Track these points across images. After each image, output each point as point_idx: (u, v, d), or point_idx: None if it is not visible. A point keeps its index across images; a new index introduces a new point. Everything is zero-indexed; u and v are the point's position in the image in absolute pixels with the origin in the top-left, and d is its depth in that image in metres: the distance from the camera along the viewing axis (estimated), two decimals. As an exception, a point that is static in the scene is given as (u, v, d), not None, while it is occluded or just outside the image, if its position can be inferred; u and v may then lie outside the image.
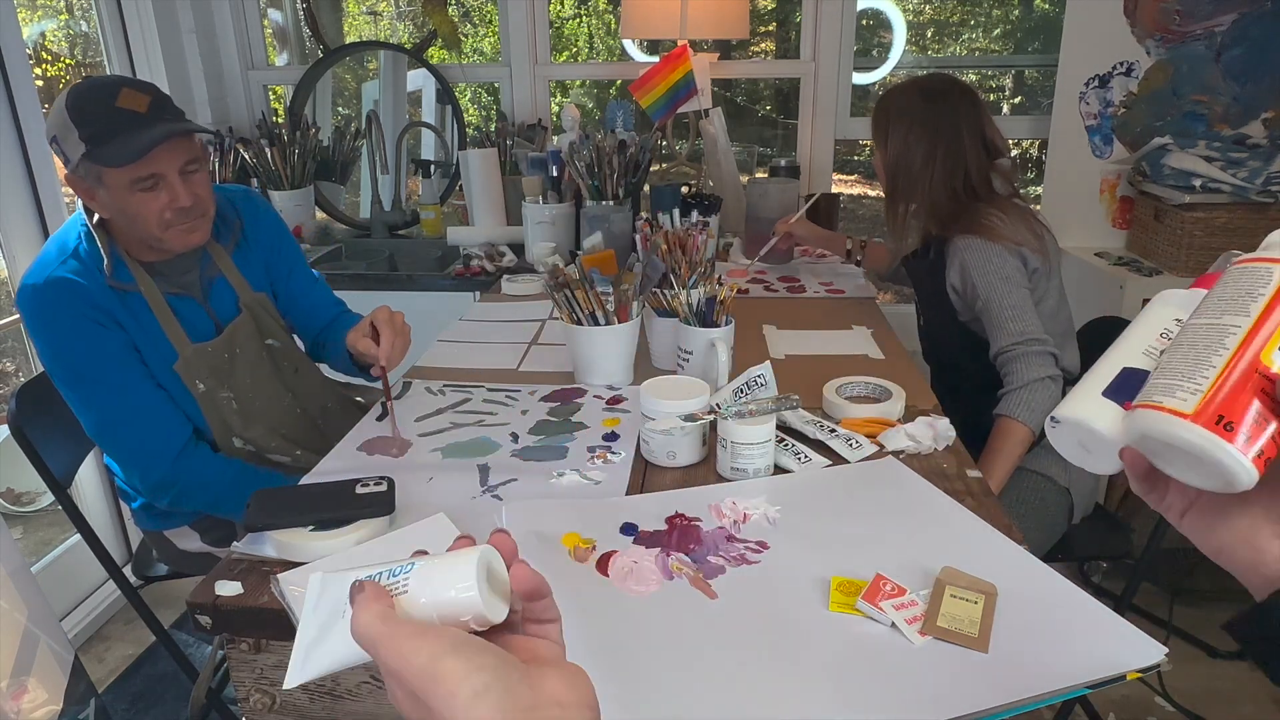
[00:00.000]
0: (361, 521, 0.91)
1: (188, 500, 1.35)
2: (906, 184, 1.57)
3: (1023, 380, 1.40)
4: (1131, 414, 0.47)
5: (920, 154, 1.53)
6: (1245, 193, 2.02)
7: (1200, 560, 2.03)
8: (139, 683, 1.94)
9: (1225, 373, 0.44)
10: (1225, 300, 0.46)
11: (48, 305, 1.23)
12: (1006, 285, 1.46)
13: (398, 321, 1.27)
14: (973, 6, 5.38)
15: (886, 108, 1.59)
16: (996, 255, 1.47)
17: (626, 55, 3.01)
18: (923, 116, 1.53)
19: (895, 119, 1.56)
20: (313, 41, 2.90)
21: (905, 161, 1.55)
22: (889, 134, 1.57)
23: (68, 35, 2.73)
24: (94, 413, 1.29)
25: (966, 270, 1.49)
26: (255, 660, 0.85)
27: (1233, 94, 2.18)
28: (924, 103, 1.54)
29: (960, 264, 1.50)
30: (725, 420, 1.03)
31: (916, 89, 1.57)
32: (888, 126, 1.57)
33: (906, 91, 1.59)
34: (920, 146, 1.53)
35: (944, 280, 1.55)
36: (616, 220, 2.01)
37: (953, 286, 1.54)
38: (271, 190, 2.53)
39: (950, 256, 1.52)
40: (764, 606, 0.80)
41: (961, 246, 1.50)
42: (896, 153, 1.56)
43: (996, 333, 1.46)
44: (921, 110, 1.54)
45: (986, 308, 1.47)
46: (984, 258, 1.47)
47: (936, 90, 1.55)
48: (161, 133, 1.19)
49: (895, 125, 1.56)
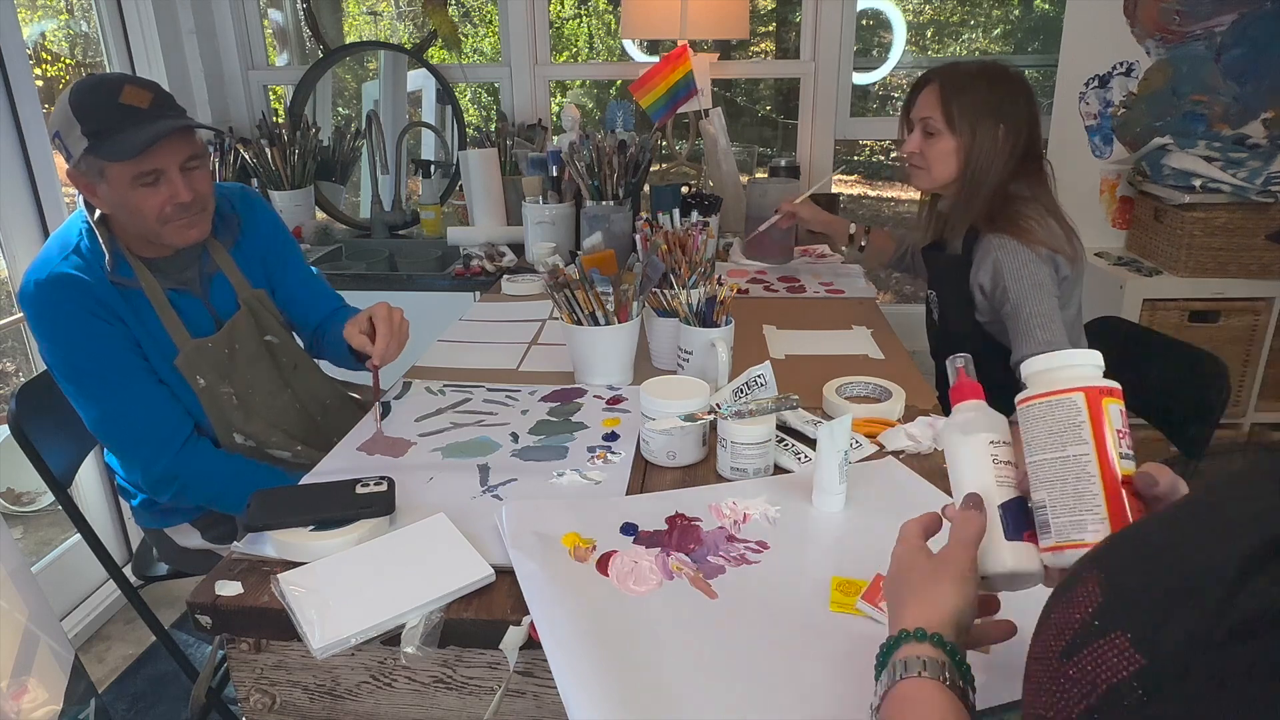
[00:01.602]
0: (361, 521, 0.91)
1: (190, 495, 1.35)
2: (980, 173, 1.47)
3: None
4: (1059, 554, 0.58)
5: (994, 142, 1.46)
6: (1245, 193, 2.02)
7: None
8: (139, 683, 1.94)
9: (1107, 496, 0.56)
10: (1056, 434, 0.58)
11: (50, 301, 1.24)
12: (1038, 292, 1.40)
13: (395, 319, 1.27)
14: (973, 6, 5.38)
15: (962, 89, 1.47)
16: (1032, 261, 1.41)
17: (626, 55, 3.01)
18: (998, 104, 1.46)
19: (979, 104, 1.46)
20: (313, 41, 2.89)
21: (983, 149, 1.46)
22: (972, 119, 1.46)
23: (68, 35, 2.73)
24: (96, 407, 1.29)
25: (999, 272, 1.43)
26: (255, 660, 0.85)
27: (1233, 94, 2.18)
28: (1001, 89, 1.46)
29: (994, 264, 1.44)
30: (725, 420, 1.03)
31: (988, 75, 1.48)
32: (973, 112, 1.46)
33: (982, 76, 1.48)
34: (998, 135, 1.45)
35: (968, 277, 1.50)
36: (616, 220, 2.01)
37: (980, 286, 1.48)
38: (271, 190, 2.53)
39: (981, 254, 1.47)
40: (764, 606, 0.80)
41: (996, 245, 1.44)
42: (975, 139, 1.46)
43: (1021, 340, 1.41)
44: (999, 97, 1.46)
45: (1015, 313, 1.42)
46: (1019, 261, 1.41)
47: (1009, 78, 1.48)
48: (164, 128, 1.20)
49: (980, 111, 1.45)
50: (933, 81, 1.49)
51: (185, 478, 1.32)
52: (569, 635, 0.75)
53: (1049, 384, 0.59)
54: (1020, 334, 1.42)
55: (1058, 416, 0.58)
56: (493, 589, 0.84)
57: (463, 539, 0.89)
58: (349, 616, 0.78)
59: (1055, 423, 0.58)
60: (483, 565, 0.85)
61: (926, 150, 1.52)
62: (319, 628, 0.77)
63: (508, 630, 0.79)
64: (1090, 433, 0.57)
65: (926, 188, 1.58)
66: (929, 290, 1.72)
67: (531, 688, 0.83)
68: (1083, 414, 0.57)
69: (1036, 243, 1.42)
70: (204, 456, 1.34)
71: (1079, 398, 0.58)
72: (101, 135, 1.18)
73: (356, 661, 0.83)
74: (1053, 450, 0.58)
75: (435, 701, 0.85)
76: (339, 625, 0.77)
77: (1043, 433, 0.59)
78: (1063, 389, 0.58)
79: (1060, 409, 0.58)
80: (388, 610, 0.79)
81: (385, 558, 0.87)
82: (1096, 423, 0.57)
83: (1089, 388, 0.58)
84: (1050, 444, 0.58)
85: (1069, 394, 0.58)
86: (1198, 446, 1.39)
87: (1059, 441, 0.58)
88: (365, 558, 0.87)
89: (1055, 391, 0.59)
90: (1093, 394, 0.58)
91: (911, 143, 1.54)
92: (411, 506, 0.98)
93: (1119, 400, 0.58)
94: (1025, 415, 0.60)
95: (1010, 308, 1.43)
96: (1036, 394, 0.60)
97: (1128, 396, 0.59)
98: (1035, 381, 0.61)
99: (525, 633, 0.78)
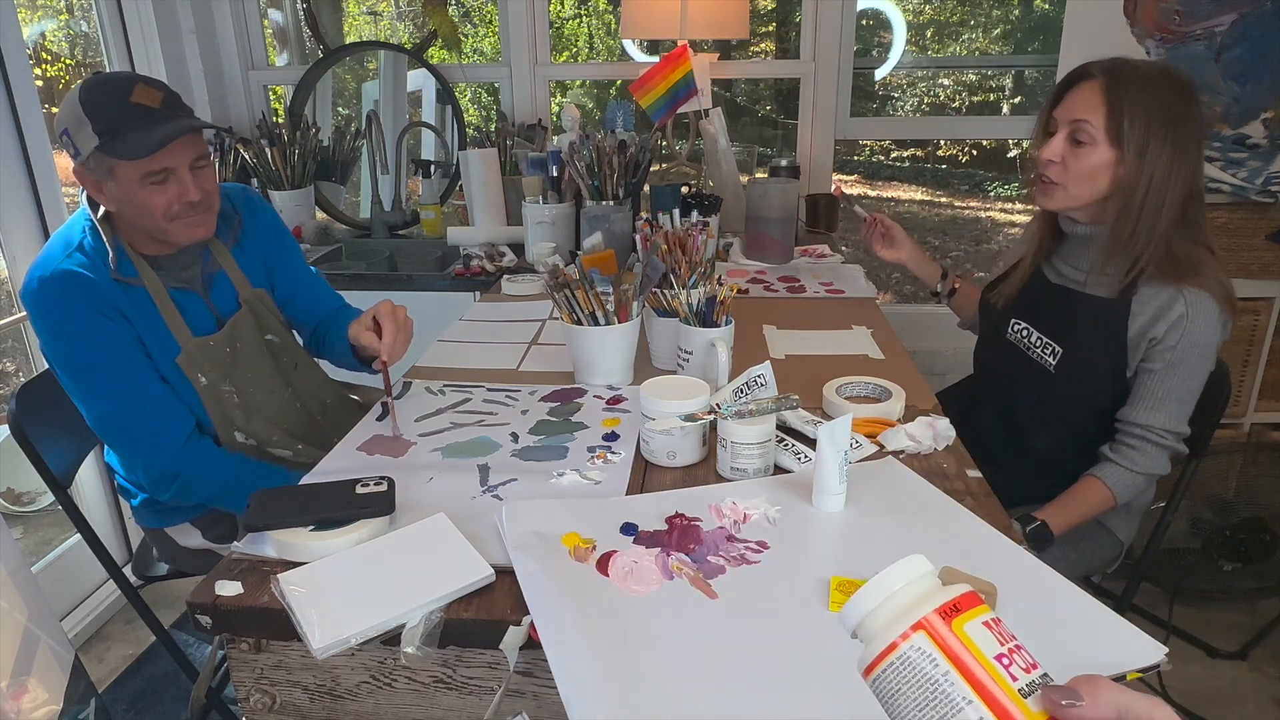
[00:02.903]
0: (361, 521, 0.91)
1: (191, 493, 1.35)
2: (1150, 202, 1.21)
3: (1145, 469, 1.29)
4: None
5: (1169, 165, 1.20)
6: (1245, 193, 2.02)
7: (1200, 560, 2.02)
8: (139, 683, 1.94)
9: None
10: (929, 704, 0.41)
11: (54, 298, 1.24)
12: (1201, 365, 1.25)
13: (400, 316, 1.28)
14: (973, 6, 5.38)
15: (1138, 93, 1.20)
16: (1217, 328, 1.23)
17: (626, 55, 3.01)
18: (1181, 118, 1.20)
19: (1156, 115, 1.19)
20: (313, 42, 2.89)
21: (1156, 171, 1.20)
22: (1144, 132, 1.19)
23: (68, 35, 2.74)
24: (98, 404, 1.29)
25: (1182, 329, 1.22)
26: (255, 660, 0.85)
27: (1233, 94, 2.18)
28: (1186, 101, 1.21)
29: (1180, 320, 1.22)
30: (725, 420, 1.03)
31: (1170, 81, 1.21)
32: (1147, 124, 1.19)
33: (1164, 81, 1.21)
34: (1174, 157, 1.20)
35: (1125, 325, 1.27)
36: (616, 220, 2.01)
37: (1151, 339, 1.25)
38: (272, 190, 2.53)
39: (1162, 305, 1.24)
40: (764, 606, 0.80)
41: (1191, 301, 1.21)
42: (1145, 158, 1.20)
43: (1152, 405, 1.26)
44: (1182, 111, 1.20)
45: (1166, 374, 1.25)
46: (1207, 324, 1.22)
47: (1192, 90, 1.22)
48: (178, 127, 1.22)
49: (1157, 124, 1.19)
50: (1095, 77, 1.23)
51: (186, 476, 1.32)
52: (569, 635, 0.75)
53: (882, 633, 0.43)
54: (1156, 397, 1.27)
55: (912, 678, 0.42)
56: (493, 589, 0.84)
57: (463, 539, 0.89)
58: (349, 616, 0.78)
59: (916, 689, 0.42)
60: (483, 565, 0.85)
61: (1071, 161, 1.25)
62: (319, 628, 0.77)
63: (508, 630, 0.79)
64: (967, 686, 0.40)
65: (1058, 207, 1.32)
66: (1017, 322, 1.44)
67: (531, 688, 0.83)
68: (939, 663, 0.41)
69: (1226, 300, 1.23)
70: (205, 455, 1.34)
71: (920, 639, 0.42)
72: (113, 134, 1.19)
73: (356, 661, 0.83)
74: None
75: (435, 701, 0.85)
76: (339, 625, 0.77)
77: (911, 708, 0.42)
78: (899, 634, 0.42)
79: (909, 667, 0.42)
80: (388, 610, 0.79)
81: (385, 558, 0.87)
82: (964, 665, 0.41)
83: (926, 618, 0.42)
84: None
85: (908, 638, 0.42)
86: (1198, 446, 1.40)
87: (939, 716, 0.41)
88: (365, 558, 0.87)
89: (894, 644, 0.42)
90: (935, 627, 0.42)
91: (1052, 148, 1.27)
92: (411, 506, 0.98)
93: (978, 610, 0.42)
94: (879, 689, 0.43)
95: (1163, 366, 1.25)
96: (875, 656, 0.43)
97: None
98: (864, 636, 0.45)
99: (525, 633, 0.78)
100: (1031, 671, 0.41)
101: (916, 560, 0.44)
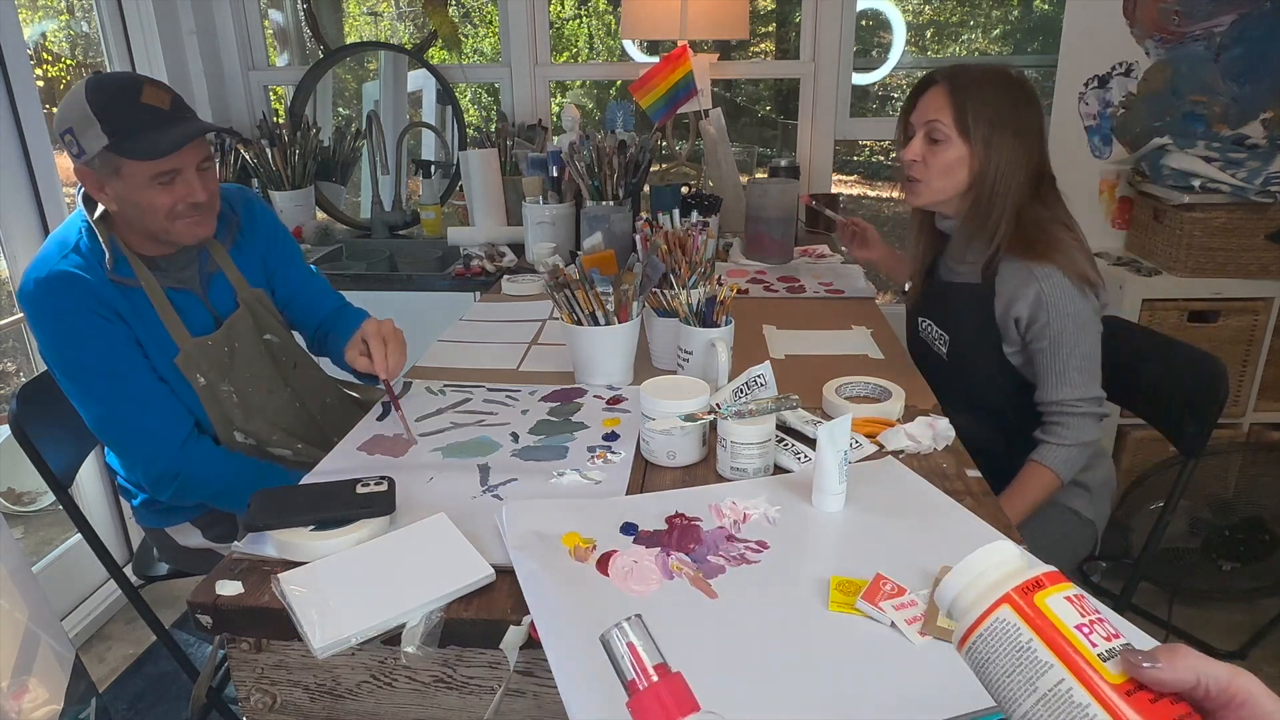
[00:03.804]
0: (362, 521, 0.91)
1: (191, 492, 1.35)
2: (997, 190, 1.33)
3: (1074, 440, 1.34)
4: None
5: (1011, 154, 1.32)
6: (1244, 193, 2.02)
7: (1200, 560, 2.01)
8: (139, 682, 1.94)
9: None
10: (1016, 671, 0.45)
11: (51, 299, 1.24)
12: (1082, 333, 1.31)
13: (386, 330, 1.31)
14: (972, 7, 5.39)
15: (974, 92, 1.32)
16: (1078, 296, 1.30)
17: (626, 56, 3.01)
18: (1013, 111, 1.32)
19: (993, 110, 1.32)
20: (313, 42, 2.90)
21: (999, 161, 1.32)
22: (987, 126, 1.32)
23: (68, 36, 2.74)
24: (97, 406, 1.29)
25: (1042, 305, 1.31)
26: (256, 660, 0.85)
27: (1232, 94, 2.18)
28: (1015, 96, 1.33)
29: (1036, 297, 1.31)
30: (725, 420, 1.03)
31: (1000, 80, 1.34)
32: (987, 119, 1.31)
33: (996, 80, 1.34)
34: (1014, 146, 1.32)
35: (993, 309, 1.38)
36: (616, 220, 2.01)
37: (1016, 319, 1.35)
38: (272, 191, 2.54)
39: (1017, 285, 1.33)
40: (764, 606, 0.80)
41: (1040, 276, 1.30)
42: (990, 150, 1.32)
43: (1056, 381, 1.33)
44: (1013, 104, 1.32)
45: (1053, 351, 1.32)
46: (1065, 296, 1.29)
47: (1022, 84, 1.34)
48: (192, 130, 1.23)
49: (995, 118, 1.32)
50: (939, 82, 1.36)
51: (186, 476, 1.33)
52: (569, 635, 0.75)
53: (971, 608, 0.47)
54: (1056, 374, 1.33)
55: (1000, 647, 0.46)
56: (493, 589, 0.84)
57: (463, 539, 0.89)
58: (349, 616, 0.78)
59: (1004, 656, 0.45)
60: (483, 565, 0.85)
61: (930, 158, 1.37)
62: (319, 627, 0.77)
63: (508, 630, 0.79)
64: (1048, 651, 0.44)
65: (925, 202, 1.43)
66: (922, 319, 1.58)
67: (531, 688, 0.83)
68: (1023, 632, 0.45)
69: (1085, 276, 1.31)
70: (204, 454, 1.35)
71: (1005, 612, 0.46)
72: (124, 134, 1.20)
73: (357, 661, 0.84)
74: (1026, 694, 0.44)
75: (435, 701, 0.85)
76: (339, 625, 0.78)
77: (1001, 675, 0.46)
78: (986, 609, 0.46)
79: (996, 637, 0.46)
80: (388, 610, 0.79)
81: (385, 558, 0.87)
82: (1046, 633, 0.44)
83: (1009, 594, 0.46)
84: (1020, 688, 0.45)
85: (994, 611, 0.46)
86: (1197, 446, 1.40)
87: (1025, 679, 0.44)
88: (365, 558, 0.87)
89: (981, 617, 0.47)
90: (1018, 601, 0.46)
91: (913, 148, 1.38)
92: (411, 506, 0.98)
93: (1060, 586, 0.46)
94: (972, 659, 0.48)
95: (1048, 344, 1.33)
96: (966, 628, 0.47)
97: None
98: (956, 613, 0.49)
99: (525, 633, 0.79)
100: (1113, 640, 0.44)
101: (1003, 544, 0.49)
